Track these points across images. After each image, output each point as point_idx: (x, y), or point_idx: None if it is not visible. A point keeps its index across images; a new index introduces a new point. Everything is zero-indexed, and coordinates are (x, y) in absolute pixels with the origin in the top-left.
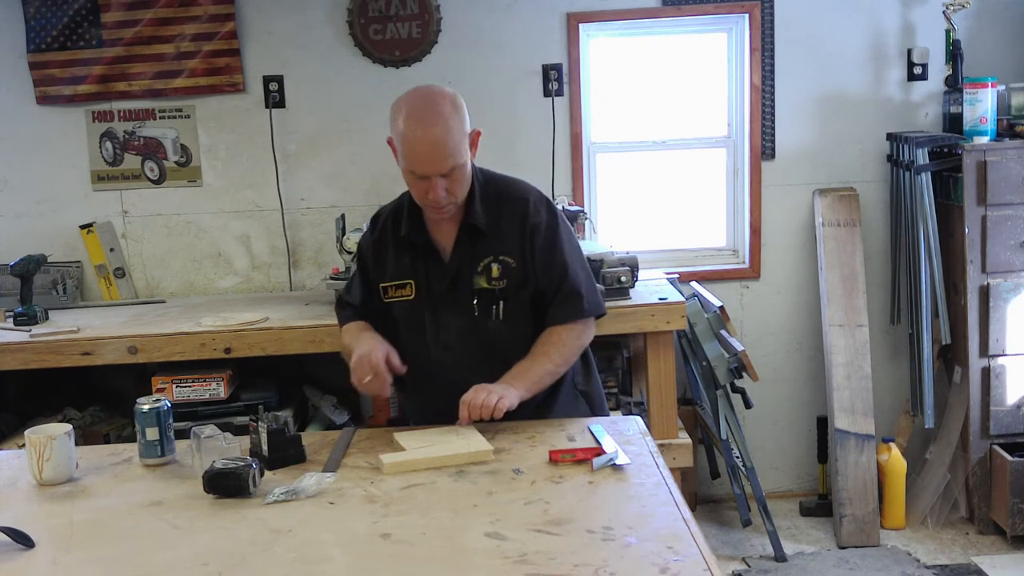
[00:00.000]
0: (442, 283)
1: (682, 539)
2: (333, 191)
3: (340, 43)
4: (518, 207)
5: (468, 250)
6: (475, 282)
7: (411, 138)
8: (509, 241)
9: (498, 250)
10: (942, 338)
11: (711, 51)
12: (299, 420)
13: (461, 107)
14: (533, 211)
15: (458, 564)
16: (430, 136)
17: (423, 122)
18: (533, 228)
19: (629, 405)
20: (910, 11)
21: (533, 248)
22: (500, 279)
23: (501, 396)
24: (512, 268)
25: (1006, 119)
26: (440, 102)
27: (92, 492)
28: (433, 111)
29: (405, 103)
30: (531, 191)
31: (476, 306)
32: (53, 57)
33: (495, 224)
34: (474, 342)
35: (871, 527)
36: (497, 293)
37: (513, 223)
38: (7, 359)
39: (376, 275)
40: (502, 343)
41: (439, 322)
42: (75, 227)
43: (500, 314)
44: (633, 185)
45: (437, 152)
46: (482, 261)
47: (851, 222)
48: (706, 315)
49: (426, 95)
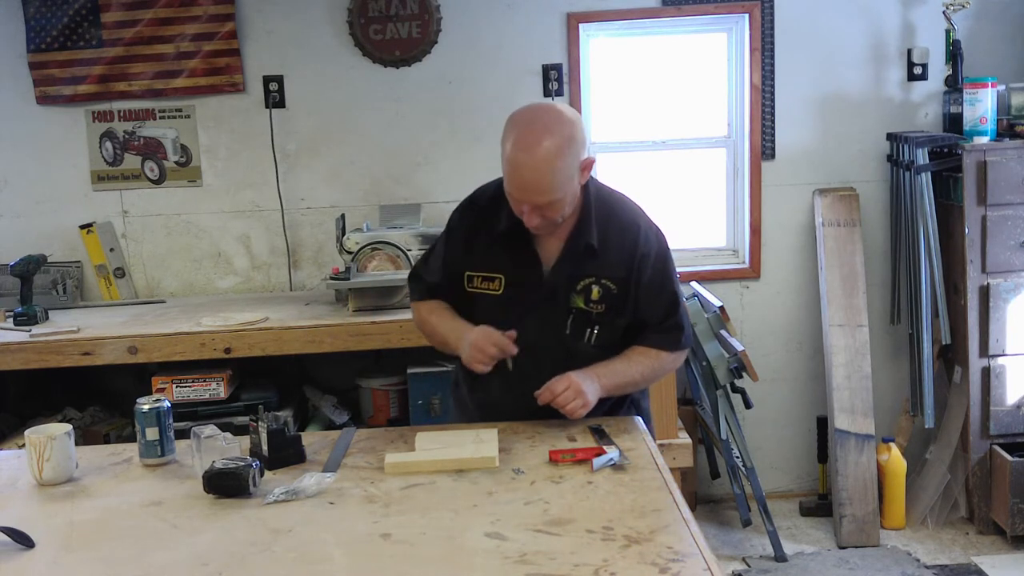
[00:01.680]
0: (535, 292)
1: (682, 539)
2: (333, 191)
3: (340, 43)
4: (629, 233)
5: (571, 266)
6: (572, 300)
7: (512, 165)
8: (615, 266)
9: (602, 273)
10: (942, 338)
11: (711, 51)
12: (299, 420)
13: (575, 138)
14: (644, 240)
15: (458, 564)
16: (528, 169)
17: (525, 153)
18: (643, 258)
19: None
20: (910, 11)
21: (640, 278)
22: (599, 303)
23: (585, 404)
24: (613, 293)
25: (1006, 119)
26: (553, 132)
27: (92, 492)
28: (538, 144)
29: (517, 125)
30: (642, 217)
31: (569, 325)
32: (53, 57)
33: (603, 245)
34: (558, 357)
35: (871, 527)
36: (594, 317)
37: (622, 249)
38: (7, 359)
39: (463, 261)
40: (585, 363)
41: (524, 328)
42: (75, 227)
43: (593, 338)
44: (633, 185)
45: (533, 186)
46: (583, 280)
47: (851, 222)
48: (706, 315)
49: (541, 122)
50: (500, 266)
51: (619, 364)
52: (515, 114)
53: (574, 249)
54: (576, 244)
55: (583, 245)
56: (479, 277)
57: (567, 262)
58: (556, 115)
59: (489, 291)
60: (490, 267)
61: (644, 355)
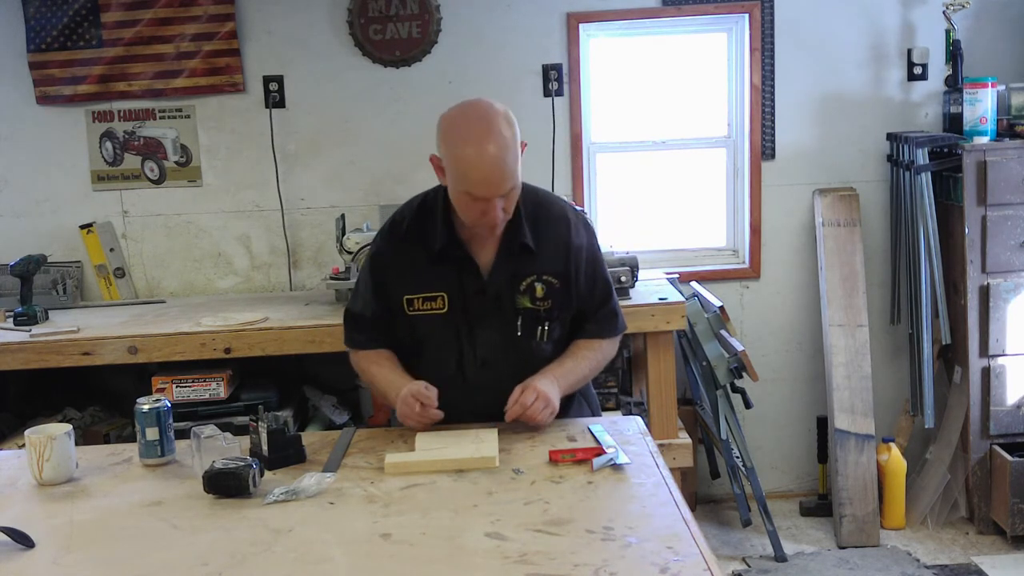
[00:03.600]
0: (480, 299)
1: (682, 539)
2: (333, 191)
3: (340, 43)
4: (560, 226)
5: (510, 267)
6: (518, 301)
7: (469, 162)
8: (553, 261)
9: (542, 269)
10: (942, 338)
11: (711, 51)
12: (299, 420)
13: (514, 122)
14: (575, 232)
15: (458, 564)
16: (491, 159)
17: (481, 145)
18: (577, 249)
19: (629, 405)
20: (910, 11)
21: (578, 270)
22: (545, 299)
23: (553, 411)
24: (556, 288)
25: (1006, 119)
26: (495, 121)
27: (92, 492)
28: (489, 132)
29: (457, 124)
30: (569, 209)
31: (520, 326)
32: (53, 57)
33: (537, 242)
34: (514, 361)
35: (871, 527)
36: (542, 314)
37: (556, 243)
38: (7, 359)
39: (398, 287)
40: (543, 363)
41: (476, 339)
42: (75, 227)
43: (545, 335)
44: (633, 185)
45: (497, 175)
46: (525, 280)
47: (851, 222)
48: (706, 315)
49: (479, 114)
50: (440, 283)
51: (570, 362)
52: (447, 117)
53: (510, 250)
54: (511, 245)
55: (518, 245)
56: (420, 299)
57: (505, 264)
58: (488, 105)
59: (433, 311)
60: (430, 287)
61: (589, 348)
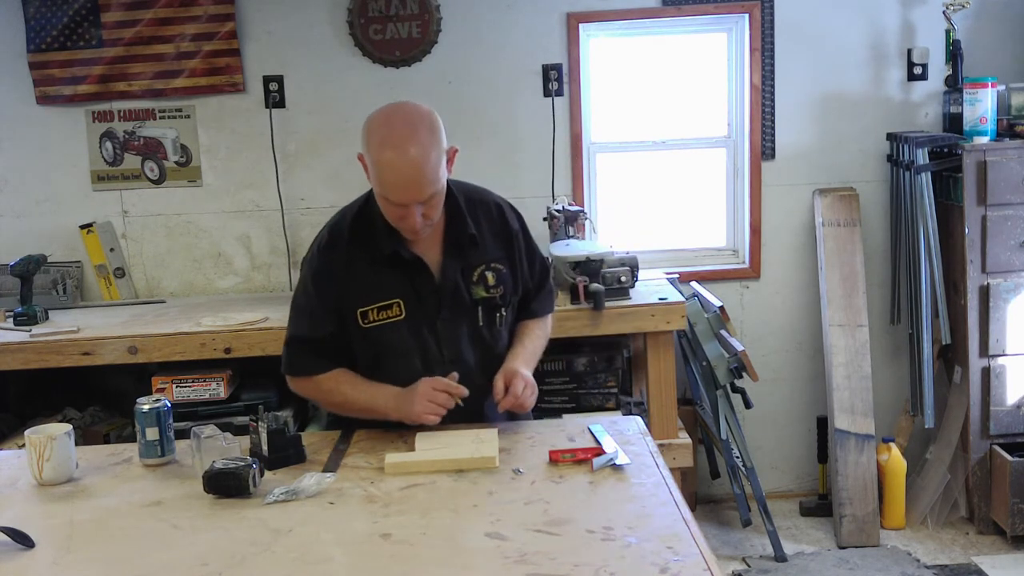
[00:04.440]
0: (436, 298)
1: (682, 539)
2: (333, 191)
3: (340, 43)
4: (495, 214)
5: (458, 261)
6: (474, 292)
7: (387, 167)
8: (494, 249)
9: (488, 258)
10: (942, 338)
11: (711, 51)
12: (299, 420)
13: (438, 128)
14: (509, 217)
15: (458, 564)
16: (407, 165)
17: (400, 150)
18: (513, 234)
19: (629, 405)
20: (910, 11)
21: (520, 253)
22: (496, 286)
23: (535, 394)
24: (504, 274)
25: (1006, 119)
26: (417, 126)
27: (92, 492)
28: (410, 138)
29: (380, 127)
30: (495, 195)
31: (481, 316)
32: (53, 57)
33: (479, 232)
34: (480, 351)
35: (871, 527)
36: (498, 300)
37: (493, 230)
38: (7, 359)
39: (349, 300)
40: (503, 348)
41: (441, 338)
42: (75, 227)
43: (502, 321)
44: (633, 185)
45: (414, 182)
46: (475, 271)
47: (851, 222)
48: (706, 315)
49: (402, 119)
50: (393, 290)
51: (530, 343)
52: (371, 118)
53: (456, 243)
54: (456, 237)
55: (465, 236)
56: (374, 309)
57: (454, 258)
58: (414, 109)
59: (390, 319)
60: (383, 295)
61: (538, 326)
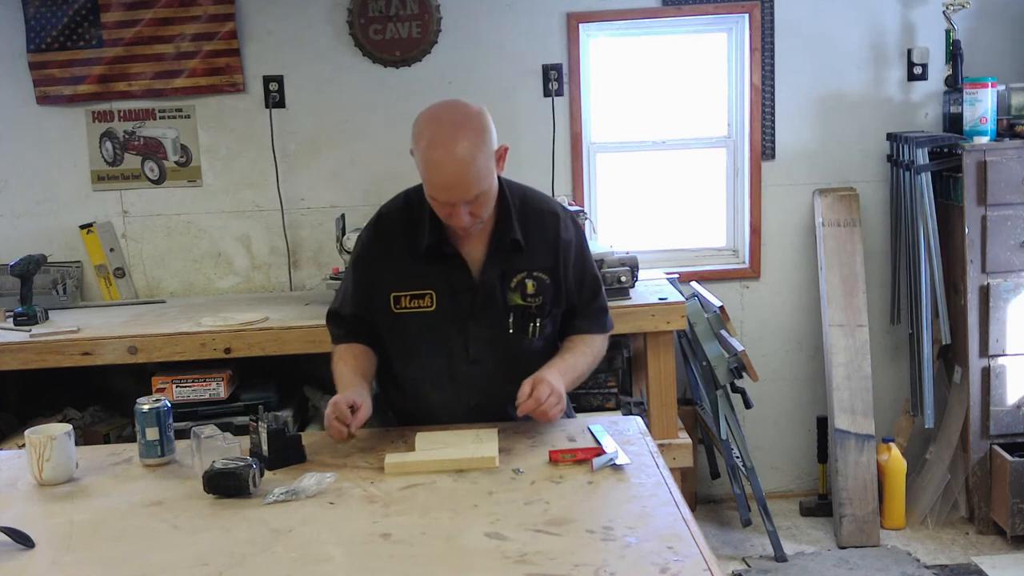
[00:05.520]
0: (470, 296)
1: (682, 539)
2: (333, 191)
3: (340, 43)
4: (549, 223)
5: (500, 264)
6: (509, 298)
7: (433, 166)
8: (542, 257)
9: (532, 266)
10: (942, 338)
11: (711, 51)
12: (299, 420)
13: (487, 128)
14: (564, 228)
15: (458, 564)
16: (453, 165)
17: (446, 150)
18: (566, 244)
19: (629, 405)
20: (910, 11)
21: (567, 264)
22: (536, 296)
23: (563, 407)
24: (546, 285)
25: (1006, 119)
26: (465, 126)
27: (92, 492)
28: (457, 137)
29: (428, 125)
30: (558, 206)
31: (511, 323)
32: (53, 57)
33: (527, 238)
34: (506, 358)
35: (871, 527)
36: (534, 311)
37: (545, 239)
38: (7, 359)
39: (384, 283)
40: (536, 360)
41: (467, 335)
42: (75, 227)
43: (537, 332)
44: (633, 185)
45: (460, 182)
46: (515, 277)
47: (851, 222)
48: (706, 315)
49: (451, 118)
50: (429, 281)
51: (571, 358)
52: (421, 116)
53: (500, 246)
54: (501, 241)
55: (509, 241)
56: (407, 296)
57: (495, 261)
58: (463, 108)
59: (421, 309)
60: (418, 284)
61: (584, 343)
